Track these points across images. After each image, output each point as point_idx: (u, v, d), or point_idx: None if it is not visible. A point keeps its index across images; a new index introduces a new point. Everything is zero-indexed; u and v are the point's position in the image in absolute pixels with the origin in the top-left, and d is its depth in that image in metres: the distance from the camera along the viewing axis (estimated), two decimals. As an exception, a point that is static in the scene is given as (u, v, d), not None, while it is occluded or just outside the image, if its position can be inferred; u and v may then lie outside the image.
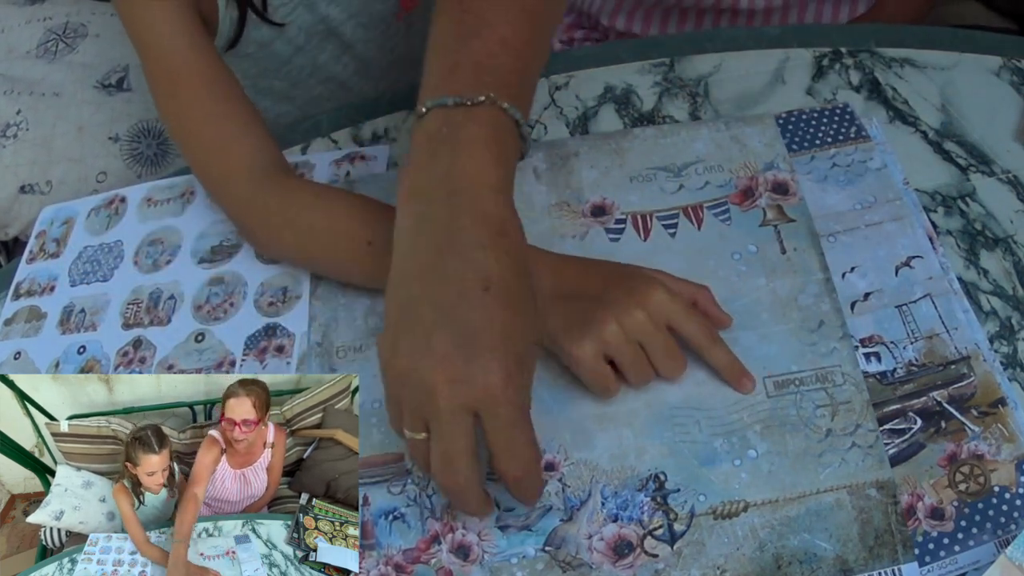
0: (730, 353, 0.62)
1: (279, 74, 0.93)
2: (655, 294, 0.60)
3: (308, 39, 0.90)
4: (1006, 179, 0.73)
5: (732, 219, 0.70)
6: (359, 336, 0.69)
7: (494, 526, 0.60)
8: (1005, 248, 0.69)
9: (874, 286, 0.67)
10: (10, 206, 1.06)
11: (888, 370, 0.63)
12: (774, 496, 0.58)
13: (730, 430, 0.61)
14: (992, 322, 0.66)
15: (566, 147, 0.77)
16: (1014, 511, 0.57)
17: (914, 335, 0.64)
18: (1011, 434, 0.59)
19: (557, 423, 0.62)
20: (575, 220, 0.72)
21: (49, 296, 0.79)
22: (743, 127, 0.75)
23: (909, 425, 0.61)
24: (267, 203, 0.70)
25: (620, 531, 0.59)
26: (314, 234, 0.69)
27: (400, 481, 0.62)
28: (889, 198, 0.71)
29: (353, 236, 0.66)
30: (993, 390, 0.61)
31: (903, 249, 0.68)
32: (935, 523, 0.57)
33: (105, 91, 1.10)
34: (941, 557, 0.56)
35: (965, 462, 0.59)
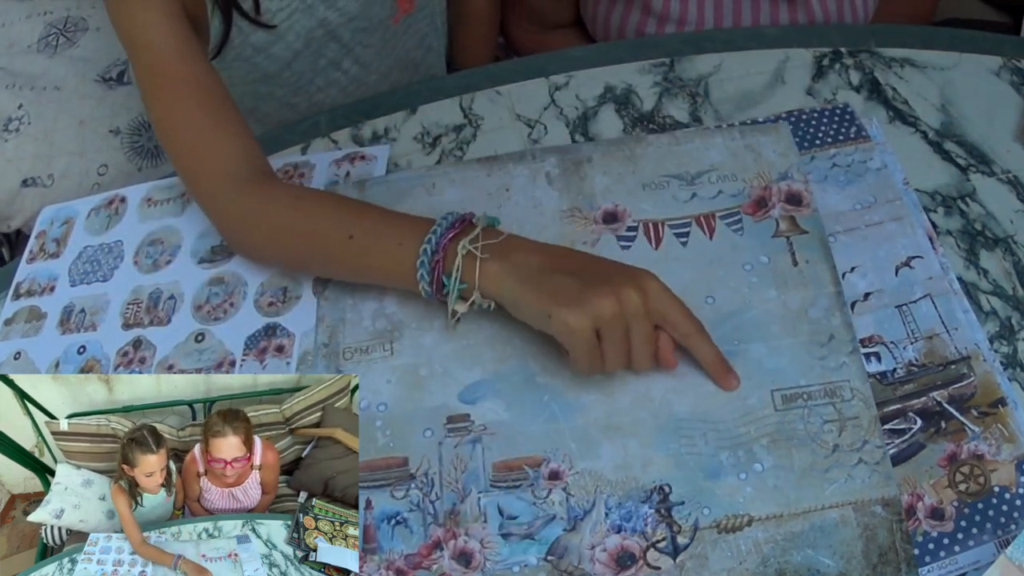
0: (716, 348, 0.62)
1: (279, 79, 0.93)
2: (653, 282, 0.61)
3: (307, 43, 0.90)
4: (1006, 179, 0.73)
5: (744, 229, 0.70)
6: (366, 337, 0.69)
7: (497, 534, 0.59)
8: (1005, 248, 0.69)
9: (874, 286, 0.67)
10: (12, 199, 1.07)
11: (888, 370, 0.63)
12: (779, 511, 0.58)
13: (736, 443, 0.61)
14: (992, 322, 0.66)
15: (579, 153, 0.76)
16: (1014, 511, 0.57)
17: (914, 335, 0.64)
18: (1011, 434, 0.59)
19: (563, 432, 0.62)
20: (586, 226, 0.72)
21: (49, 296, 0.79)
22: (757, 136, 0.75)
23: (909, 425, 0.61)
24: (249, 209, 0.71)
25: (623, 542, 0.58)
26: (296, 234, 0.70)
27: (403, 485, 0.62)
28: (889, 198, 0.71)
29: (334, 234, 0.67)
30: (993, 390, 0.61)
31: (903, 249, 0.68)
32: (935, 523, 0.57)
33: (106, 85, 1.11)
34: (941, 557, 0.56)
35: (965, 462, 0.59)
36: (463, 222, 0.64)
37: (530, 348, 0.65)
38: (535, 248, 0.63)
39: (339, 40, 0.93)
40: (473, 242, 0.62)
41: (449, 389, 0.65)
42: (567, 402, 0.63)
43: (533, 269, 0.61)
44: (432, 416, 0.64)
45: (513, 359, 0.66)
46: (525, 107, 0.84)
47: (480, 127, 0.83)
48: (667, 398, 0.63)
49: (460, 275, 0.62)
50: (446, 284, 0.63)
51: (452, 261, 0.62)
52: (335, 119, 0.87)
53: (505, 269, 0.61)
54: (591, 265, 0.63)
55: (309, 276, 0.74)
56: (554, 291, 0.60)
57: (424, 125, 0.85)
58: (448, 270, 0.63)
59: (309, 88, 0.96)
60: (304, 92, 0.96)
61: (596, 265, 0.63)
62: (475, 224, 0.64)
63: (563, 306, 0.59)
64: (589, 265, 0.63)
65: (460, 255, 0.62)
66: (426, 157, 0.82)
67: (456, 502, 0.61)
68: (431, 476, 0.62)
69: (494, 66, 0.90)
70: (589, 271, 0.62)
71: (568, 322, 0.59)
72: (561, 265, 0.62)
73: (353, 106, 0.88)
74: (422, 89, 0.88)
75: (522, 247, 0.63)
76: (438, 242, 0.63)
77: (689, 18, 1.02)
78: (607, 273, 0.61)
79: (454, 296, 0.63)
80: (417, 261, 0.63)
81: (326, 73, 0.95)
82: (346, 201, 0.70)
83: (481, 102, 0.86)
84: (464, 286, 0.62)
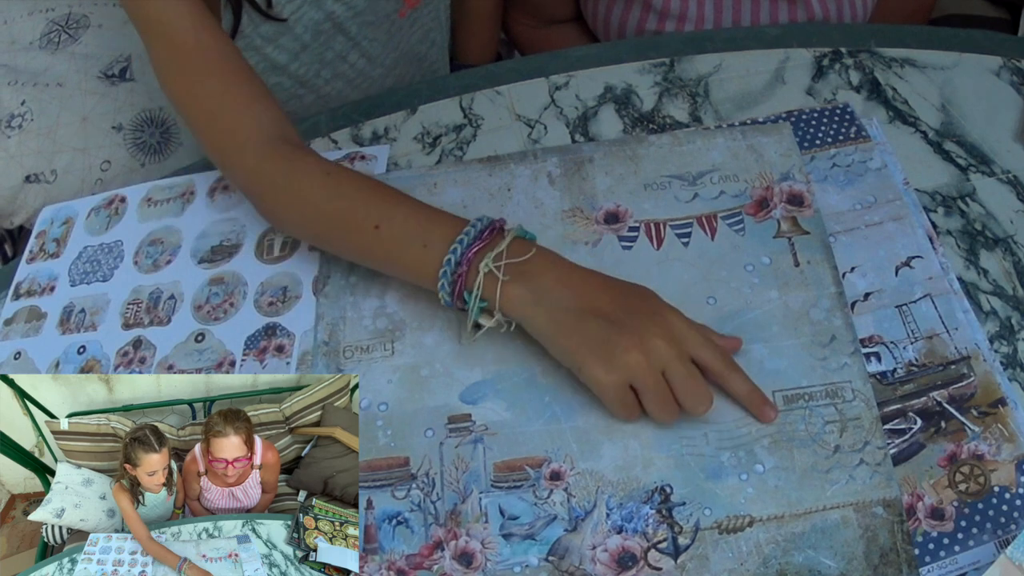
0: (749, 381, 0.61)
1: (288, 70, 0.93)
2: (675, 321, 0.60)
3: (315, 36, 0.91)
4: (1006, 179, 0.73)
5: (746, 230, 0.70)
6: (367, 336, 0.69)
7: (498, 534, 0.60)
8: (1005, 248, 0.69)
9: (874, 286, 0.67)
10: (15, 195, 1.07)
11: (888, 370, 0.63)
12: (780, 512, 0.58)
13: (737, 444, 0.61)
14: (992, 322, 0.66)
15: (580, 153, 0.76)
16: (1014, 511, 0.57)
17: (914, 335, 0.64)
18: (1011, 434, 0.59)
19: (564, 432, 0.62)
20: (588, 227, 0.72)
21: (49, 296, 0.79)
22: (759, 136, 0.75)
23: (909, 425, 0.61)
24: (274, 176, 0.69)
25: (624, 543, 0.58)
26: (320, 215, 0.68)
27: (404, 486, 0.62)
28: (889, 198, 0.71)
29: (360, 220, 0.66)
30: (993, 390, 0.61)
31: (903, 249, 0.68)
32: (935, 523, 0.57)
33: (108, 81, 1.11)
34: (941, 557, 0.56)
35: (965, 462, 0.59)
36: (492, 231, 0.63)
37: (531, 348, 0.65)
38: (562, 276, 0.62)
39: (346, 33, 0.93)
40: (497, 259, 0.61)
41: (450, 389, 0.65)
42: (568, 402, 0.63)
43: (562, 307, 0.60)
44: (433, 416, 0.64)
45: (514, 359, 0.66)
46: (525, 107, 0.84)
47: (480, 127, 0.84)
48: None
49: (480, 293, 0.61)
50: (467, 300, 0.62)
51: (474, 278, 0.61)
52: (335, 119, 0.87)
53: (529, 296, 0.60)
54: (620, 301, 0.61)
55: (309, 276, 0.74)
56: (584, 340, 0.60)
57: (424, 125, 0.85)
58: (469, 286, 0.61)
59: (316, 81, 0.97)
60: (311, 85, 0.97)
61: (620, 300, 0.61)
62: (504, 235, 0.62)
63: (592, 363, 0.59)
64: (618, 301, 0.61)
65: (482, 273, 0.61)
66: (426, 157, 0.82)
67: (457, 502, 0.61)
68: (432, 476, 0.62)
69: (494, 66, 0.90)
70: (618, 311, 0.60)
71: (599, 380, 0.59)
72: (591, 303, 0.60)
73: (353, 106, 0.88)
74: (422, 89, 0.88)
75: (548, 272, 0.61)
76: (463, 252, 0.61)
77: (689, 15, 1.02)
78: (632, 320, 0.60)
79: (473, 313, 0.62)
80: (439, 271, 0.62)
81: (333, 66, 0.96)
82: (379, 187, 0.68)
83: (481, 102, 0.86)
84: (485, 304, 0.62)
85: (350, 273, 0.72)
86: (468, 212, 0.73)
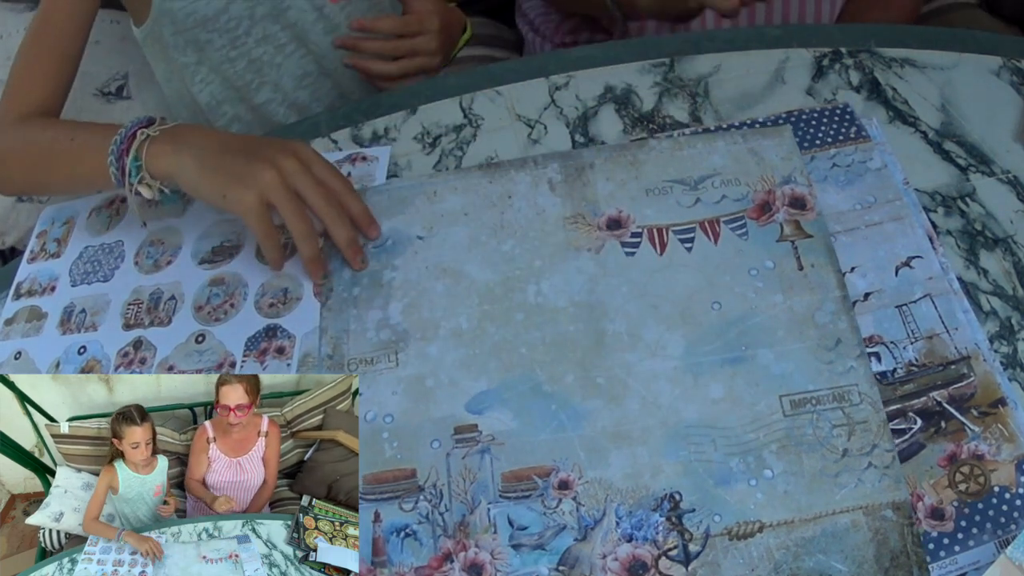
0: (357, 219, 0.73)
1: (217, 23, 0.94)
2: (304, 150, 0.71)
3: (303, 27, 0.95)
4: (1006, 179, 0.73)
5: (749, 234, 0.70)
6: (370, 349, 0.68)
7: (507, 545, 0.59)
8: (1005, 248, 0.69)
9: (874, 286, 0.67)
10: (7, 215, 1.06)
11: (888, 370, 0.63)
12: (790, 517, 0.58)
13: (746, 449, 0.60)
14: (992, 322, 0.66)
15: (581, 159, 0.76)
16: (1014, 511, 0.57)
17: (914, 335, 0.64)
18: (1011, 434, 0.59)
19: (571, 441, 0.62)
20: (590, 233, 0.72)
21: (50, 296, 0.79)
22: (760, 139, 0.75)
23: (909, 425, 0.61)
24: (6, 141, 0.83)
25: (634, 551, 0.58)
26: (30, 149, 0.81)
27: (412, 498, 0.62)
28: (889, 198, 0.71)
29: (58, 137, 0.79)
30: (993, 390, 0.61)
31: (903, 249, 0.68)
32: (935, 523, 0.57)
33: (105, 99, 1.10)
34: (941, 557, 0.56)
35: (965, 462, 0.59)
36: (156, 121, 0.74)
37: (536, 356, 0.65)
38: (205, 132, 0.73)
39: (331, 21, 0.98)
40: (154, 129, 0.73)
41: (456, 399, 0.65)
42: (575, 410, 0.63)
43: (203, 149, 0.70)
44: (439, 427, 0.64)
45: (519, 368, 0.66)
46: (525, 107, 0.84)
47: (480, 127, 0.84)
48: (675, 405, 0.62)
49: (136, 154, 0.72)
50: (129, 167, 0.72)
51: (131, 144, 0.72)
52: (335, 119, 0.87)
53: (171, 148, 0.71)
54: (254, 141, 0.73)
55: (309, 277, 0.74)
56: (224, 169, 0.69)
57: (424, 125, 0.85)
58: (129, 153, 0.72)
59: (246, 41, 0.97)
60: (242, 45, 0.97)
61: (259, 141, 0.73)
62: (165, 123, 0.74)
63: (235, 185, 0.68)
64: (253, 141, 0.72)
65: (139, 139, 0.72)
66: (426, 157, 0.82)
67: (465, 513, 0.60)
68: (440, 488, 0.62)
69: (494, 66, 0.90)
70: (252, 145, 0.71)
71: (240, 198, 0.68)
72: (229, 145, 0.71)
73: (353, 106, 0.88)
74: (422, 89, 0.88)
75: (193, 130, 0.73)
76: (127, 131, 0.73)
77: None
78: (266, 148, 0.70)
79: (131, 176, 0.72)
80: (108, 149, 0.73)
81: (263, 26, 0.96)
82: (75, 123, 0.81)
83: (481, 102, 0.86)
84: (139, 163, 0.72)
85: (353, 286, 0.72)
86: (469, 219, 0.73)
